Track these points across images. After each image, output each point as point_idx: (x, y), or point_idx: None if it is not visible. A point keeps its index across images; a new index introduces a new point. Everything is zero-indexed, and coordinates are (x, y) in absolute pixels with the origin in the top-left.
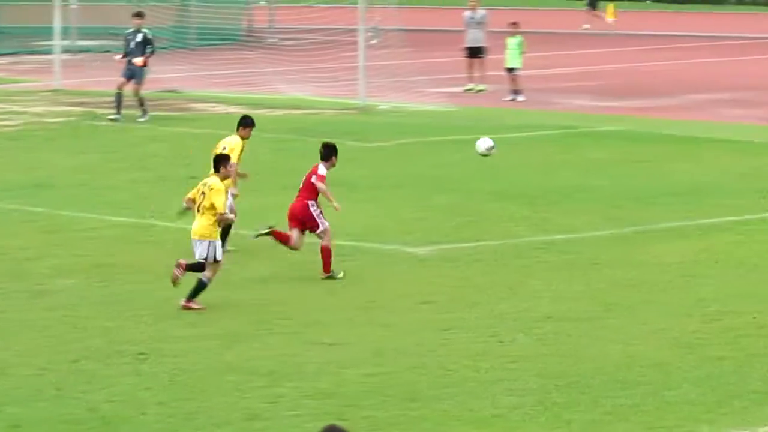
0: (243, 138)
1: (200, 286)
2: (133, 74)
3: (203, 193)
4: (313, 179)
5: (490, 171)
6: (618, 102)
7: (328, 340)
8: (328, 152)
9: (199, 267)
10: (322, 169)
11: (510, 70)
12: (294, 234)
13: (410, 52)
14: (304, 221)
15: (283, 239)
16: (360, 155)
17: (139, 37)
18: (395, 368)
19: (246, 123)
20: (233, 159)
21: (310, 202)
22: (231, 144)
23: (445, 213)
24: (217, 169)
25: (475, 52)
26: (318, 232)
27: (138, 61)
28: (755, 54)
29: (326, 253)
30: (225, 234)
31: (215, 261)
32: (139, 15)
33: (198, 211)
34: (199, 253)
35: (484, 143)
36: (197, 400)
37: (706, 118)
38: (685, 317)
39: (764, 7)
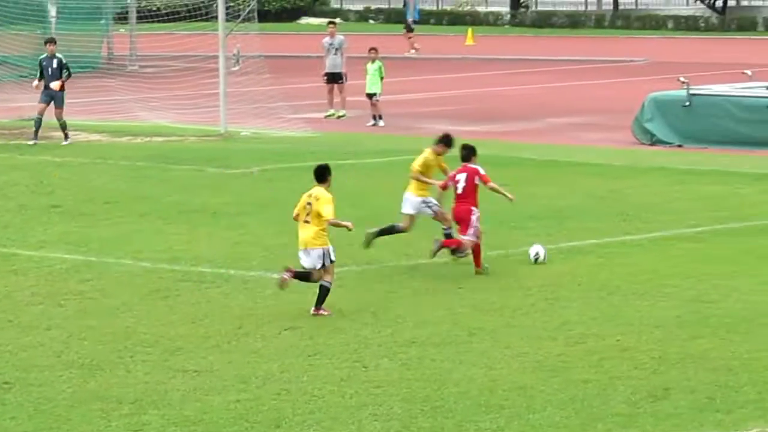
0: (437, 153)
1: (325, 292)
2: (53, 98)
3: (309, 203)
4: (477, 180)
5: (353, 197)
6: (479, 126)
7: (193, 367)
8: (470, 152)
9: (305, 276)
10: (482, 169)
11: (370, 95)
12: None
13: (271, 79)
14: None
15: (454, 244)
16: (222, 182)
17: (55, 63)
18: (261, 394)
19: (445, 142)
20: (416, 165)
21: (473, 208)
22: (421, 156)
23: None
24: (321, 180)
25: (334, 78)
26: (466, 234)
27: (55, 84)
28: (613, 77)
29: (477, 250)
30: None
31: (331, 262)
32: (51, 41)
33: (306, 222)
34: (312, 262)
35: (538, 254)
36: (62, 430)
37: (566, 141)
38: (549, 340)
39: (621, 30)
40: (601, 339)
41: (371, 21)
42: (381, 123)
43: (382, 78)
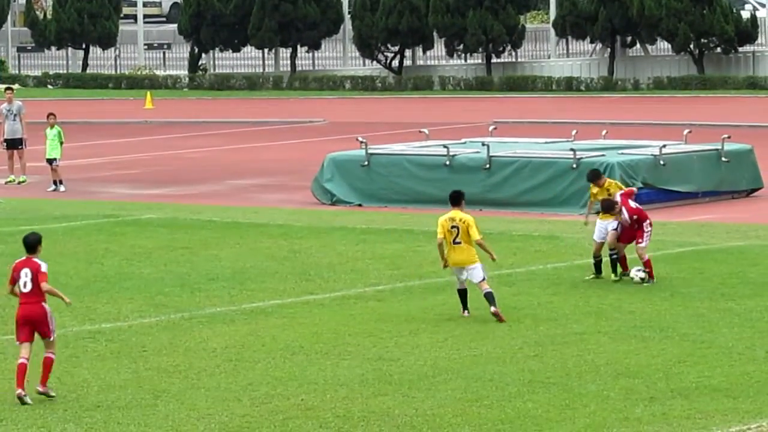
0: (599, 186)
1: (491, 295)
2: None
3: (455, 227)
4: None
5: None
6: (160, 189)
7: None
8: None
9: (465, 298)
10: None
11: (50, 160)
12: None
13: None
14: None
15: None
16: None
17: None
18: None
19: (593, 177)
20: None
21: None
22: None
23: None
24: (456, 203)
25: (14, 144)
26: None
27: None
28: (292, 138)
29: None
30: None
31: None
32: None
33: (457, 243)
34: (476, 275)
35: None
36: None
37: (247, 203)
38: (234, 401)
39: (299, 92)
40: (286, 399)
41: (50, 86)
42: (62, 188)
43: (61, 143)
